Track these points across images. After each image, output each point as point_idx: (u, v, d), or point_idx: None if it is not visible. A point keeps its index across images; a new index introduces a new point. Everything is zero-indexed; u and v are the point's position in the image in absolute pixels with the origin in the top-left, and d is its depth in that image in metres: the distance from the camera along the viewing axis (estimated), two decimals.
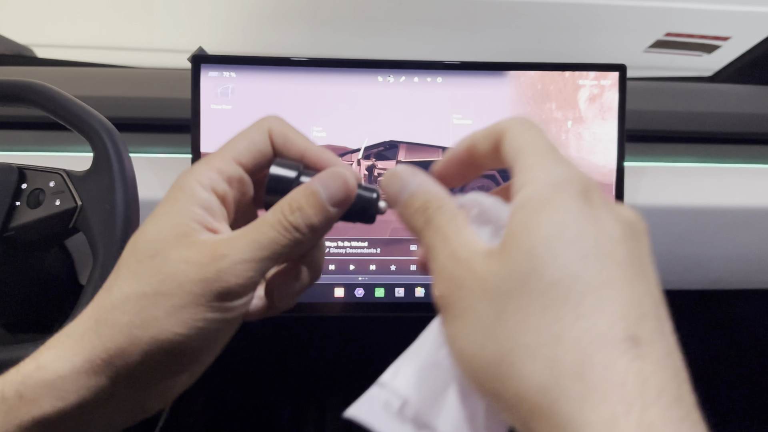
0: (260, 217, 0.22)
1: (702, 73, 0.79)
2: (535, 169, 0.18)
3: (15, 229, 0.46)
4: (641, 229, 0.18)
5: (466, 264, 0.18)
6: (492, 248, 0.18)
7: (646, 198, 0.61)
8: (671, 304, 0.67)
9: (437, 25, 1.03)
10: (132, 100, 0.61)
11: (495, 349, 0.16)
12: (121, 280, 0.21)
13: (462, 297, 0.17)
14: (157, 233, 0.21)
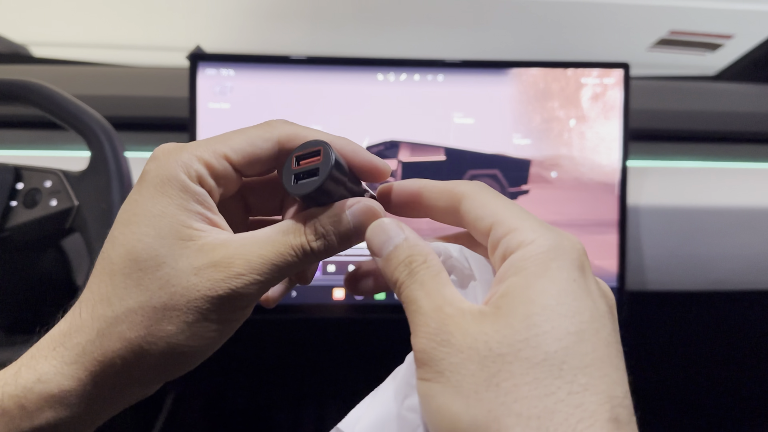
0: (280, 233, 0.20)
1: (706, 71, 0.79)
2: (526, 232, 0.18)
3: (10, 229, 0.45)
4: (614, 303, 0.19)
5: (455, 321, 0.17)
6: (484, 309, 0.17)
7: (649, 198, 0.60)
8: (674, 305, 0.66)
9: (438, 23, 1.03)
10: (129, 99, 0.61)
11: (483, 412, 0.16)
12: (123, 290, 0.19)
13: (449, 354, 0.17)
14: (158, 238, 0.19)
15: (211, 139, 0.21)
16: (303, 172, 0.20)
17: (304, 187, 0.20)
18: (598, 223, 0.55)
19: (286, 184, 0.20)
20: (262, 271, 0.20)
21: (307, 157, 0.20)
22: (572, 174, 0.56)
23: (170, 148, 0.20)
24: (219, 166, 0.20)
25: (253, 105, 0.54)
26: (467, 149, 0.55)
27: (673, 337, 0.72)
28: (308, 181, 0.20)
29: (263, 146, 0.21)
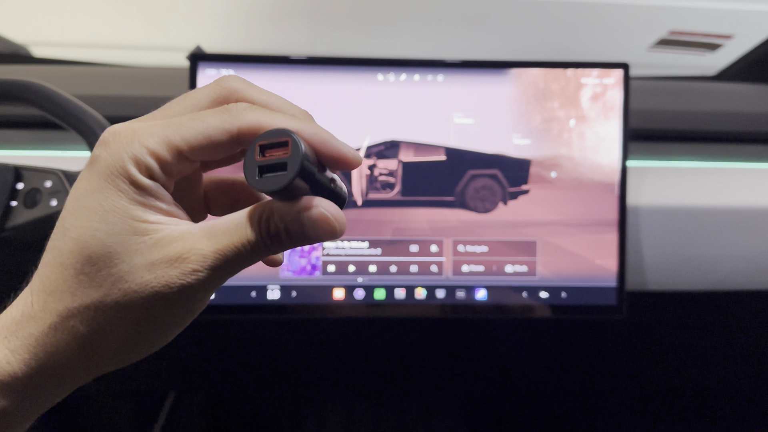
0: (236, 226, 0.19)
1: (706, 71, 0.78)
2: None
3: (11, 229, 0.45)
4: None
5: None
6: None
7: (649, 198, 0.60)
8: (674, 305, 0.66)
9: (438, 23, 1.03)
10: (129, 99, 0.61)
11: None
12: (75, 286, 0.19)
13: None
14: (112, 234, 0.19)
15: (164, 125, 0.19)
16: (268, 165, 0.19)
17: (270, 182, 0.19)
18: (598, 222, 0.55)
19: (250, 178, 0.19)
20: (217, 266, 0.19)
21: (272, 147, 0.19)
22: (572, 174, 0.56)
23: (120, 134, 0.19)
24: (170, 159, 0.19)
25: None
26: (467, 149, 0.55)
27: (673, 337, 0.72)
28: (274, 176, 0.19)
29: (220, 138, 0.19)
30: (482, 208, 0.55)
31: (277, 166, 0.19)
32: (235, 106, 0.20)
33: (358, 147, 0.55)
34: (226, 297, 0.54)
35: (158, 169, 0.19)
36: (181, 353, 0.71)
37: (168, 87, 0.62)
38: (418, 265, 0.55)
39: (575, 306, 0.55)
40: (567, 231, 0.55)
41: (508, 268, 0.55)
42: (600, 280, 0.56)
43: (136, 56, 0.83)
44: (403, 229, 0.55)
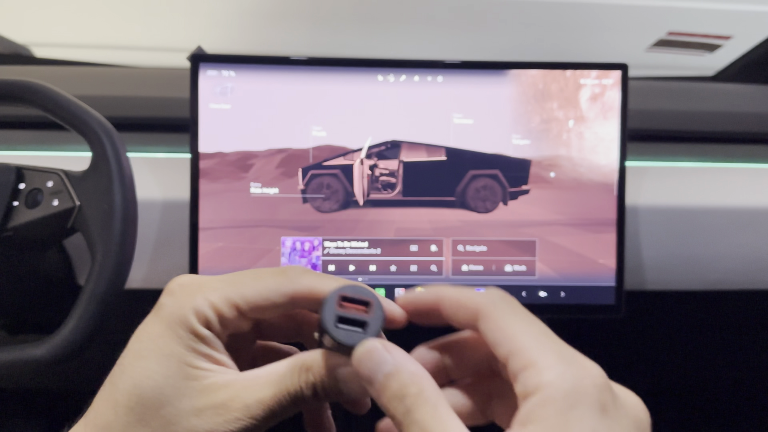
0: (279, 376, 0.21)
1: (704, 72, 0.79)
2: (544, 370, 0.17)
3: (13, 229, 0.45)
4: (646, 419, 0.18)
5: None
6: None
7: (647, 198, 0.60)
8: (672, 304, 0.66)
9: (438, 24, 1.03)
10: (130, 100, 0.61)
11: None
12: (125, 423, 0.20)
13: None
14: (165, 377, 0.20)
15: (227, 281, 0.21)
16: (348, 319, 0.20)
17: (347, 336, 0.20)
18: (597, 222, 0.56)
19: (327, 324, 0.20)
20: (259, 416, 0.20)
21: (354, 302, 0.20)
22: (571, 174, 0.56)
23: (186, 286, 0.21)
24: (229, 315, 0.21)
25: (254, 106, 0.54)
26: (468, 149, 0.55)
27: (672, 336, 0.72)
28: (352, 331, 0.20)
29: (276, 300, 0.21)
30: (483, 208, 0.55)
31: (356, 322, 0.20)
32: (291, 269, 0.22)
33: (358, 147, 0.55)
34: None
35: (216, 322, 0.21)
36: None
37: (169, 87, 0.62)
38: (417, 265, 0.55)
39: (574, 305, 0.56)
40: (566, 231, 0.56)
41: (507, 267, 0.55)
42: (599, 279, 0.56)
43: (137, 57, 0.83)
44: (405, 229, 0.55)
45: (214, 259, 0.54)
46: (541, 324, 0.19)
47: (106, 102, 0.58)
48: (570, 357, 0.18)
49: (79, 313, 0.43)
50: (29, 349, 0.43)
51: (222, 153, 0.54)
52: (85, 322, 0.43)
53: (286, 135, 0.54)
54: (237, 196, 0.54)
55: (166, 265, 0.56)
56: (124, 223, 0.44)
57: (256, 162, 0.54)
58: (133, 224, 0.45)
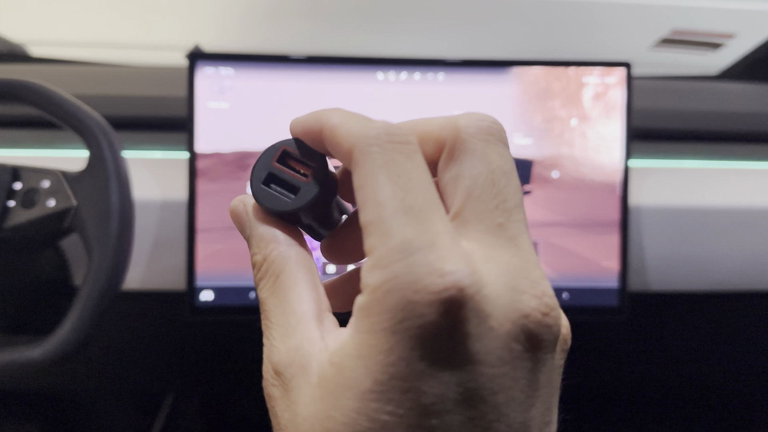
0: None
1: (708, 71, 0.78)
2: (374, 267, 0.13)
3: (8, 230, 0.45)
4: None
5: (297, 384, 0.15)
6: (324, 375, 0.14)
7: (651, 198, 0.60)
8: (676, 305, 0.65)
9: (439, 22, 1.02)
10: (127, 99, 0.60)
11: None
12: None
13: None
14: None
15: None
16: (279, 178, 0.17)
17: (270, 199, 0.17)
18: (600, 223, 0.55)
19: (254, 182, 0.17)
20: None
21: (297, 162, 0.17)
22: (574, 174, 0.55)
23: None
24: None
25: (253, 104, 0.53)
26: None
27: (676, 338, 0.72)
28: (279, 195, 0.17)
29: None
30: None
31: (287, 185, 0.17)
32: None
33: None
34: (225, 298, 0.53)
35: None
36: (180, 355, 0.71)
37: (166, 86, 0.61)
38: None
39: (577, 307, 0.55)
40: (568, 231, 0.55)
41: None
42: (602, 280, 0.55)
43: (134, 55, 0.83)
44: None
45: (213, 260, 0.53)
46: (422, 186, 0.14)
47: (103, 101, 0.58)
48: (419, 245, 0.13)
49: (75, 314, 0.42)
50: (25, 350, 0.43)
51: (219, 153, 0.53)
52: (82, 323, 0.42)
53: (285, 134, 0.53)
54: (235, 197, 0.53)
55: (163, 266, 0.55)
56: (121, 223, 0.44)
57: (254, 162, 0.53)
58: (129, 225, 0.45)
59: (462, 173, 0.15)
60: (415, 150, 0.15)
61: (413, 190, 0.14)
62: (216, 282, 0.53)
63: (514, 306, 0.14)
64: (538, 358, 0.14)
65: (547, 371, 0.15)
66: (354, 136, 0.15)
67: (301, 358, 0.15)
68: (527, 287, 0.14)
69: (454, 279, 0.13)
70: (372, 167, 0.14)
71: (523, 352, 0.14)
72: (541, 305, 0.14)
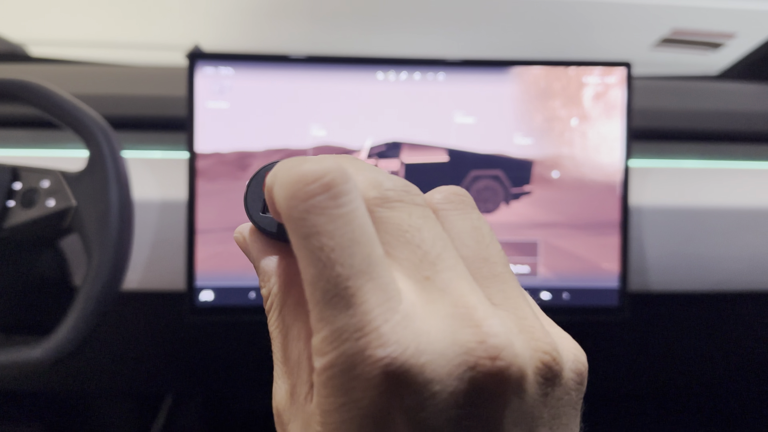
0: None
1: (708, 70, 0.78)
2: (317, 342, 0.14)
3: (8, 230, 0.45)
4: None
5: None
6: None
7: (652, 198, 0.60)
8: (677, 306, 0.65)
9: (439, 21, 1.02)
10: (127, 98, 0.60)
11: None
12: None
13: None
14: None
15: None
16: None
17: (269, 222, 0.17)
18: (600, 223, 0.55)
19: (252, 211, 0.17)
20: None
21: None
22: (574, 174, 0.55)
23: None
24: None
25: (252, 104, 0.53)
26: (470, 150, 0.55)
27: (676, 338, 0.72)
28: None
29: None
30: (484, 209, 0.55)
31: None
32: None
33: (360, 146, 0.54)
34: (225, 298, 0.53)
35: None
36: (180, 355, 0.71)
37: (166, 86, 0.61)
38: None
39: (577, 307, 0.55)
40: (569, 231, 0.55)
41: None
42: (602, 281, 0.55)
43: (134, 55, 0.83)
44: None
45: (213, 260, 0.53)
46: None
47: (103, 101, 0.58)
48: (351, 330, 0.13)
49: (75, 315, 0.42)
50: (25, 350, 0.42)
51: (219, 153, 0.53)
52: (82, 323, 0.42)
53: (285, 134, 0.53)
54: (236, 197, 0.53)
55: (163, 266, 0.55)
56: (121, 223, 0.43)
57: (254, 162, 0.53)
58: (129, 225, 0.45)
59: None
60: (334, 196, 0.14)
61: (339, 263, 0.13)
62: (216, 282, 0.53)
63: (458, 361, 0.13)
64: (497, 405, 0.13)
65: (515, 412, 0.14)
66: (280, 202, 0.14)
67: (294, 403, 0.15)
68: (470, 335, 0.13)
69: (387, 362, 0.13)
70: (296, 243, 0.14)
71: (477, 405, 0.13)
72: (489, 349, 0.13)
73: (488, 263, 0.16)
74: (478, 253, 0.16)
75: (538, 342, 0.15)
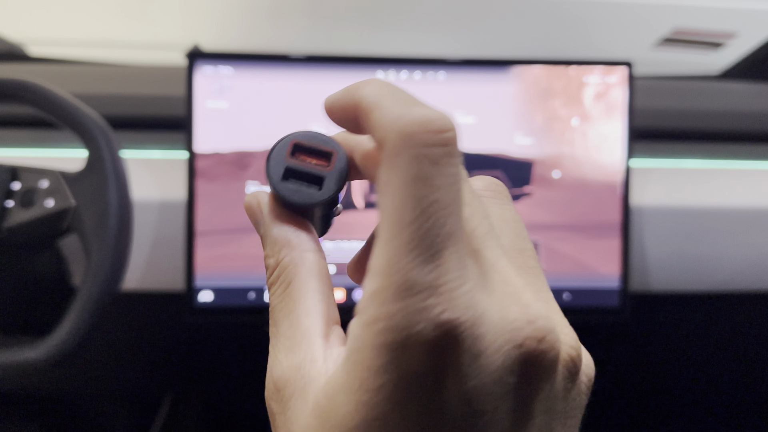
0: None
1: (709, 70, 0.78)
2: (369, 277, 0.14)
3: (7, 230, 0.45)
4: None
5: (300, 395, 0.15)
6: (329, 388, 0.14)
7: (653, 198, 0.60)
8: (678, 306, 0.65)
9: (439, 21, 1.02)
10: (126, 98, 0.60)
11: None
12: None
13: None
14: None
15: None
16: (300, 171, 0.17)
17: (298, 194, 0.16)
18: (601, 223, 0.55)
19: (273, 178, 0.16)
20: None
21: (309, 152, 0.17)
22: (574, 174, 0.55)
23: None
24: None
25: (252, 103, 0.53)
26: (469, 151, 0.55)
27: (677, 338, 0.71)
28: (304, 188, 0.16)
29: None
30: None
31: (310, 177, 0.17)
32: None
33: None
34: (224, 299, 0.53)
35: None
36: (179, 355, 0.71)
37: (165, 85, 0.61)
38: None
39: (578, 308, 0.55)
40: (569, 232, 0.55)
41: None
42: (603, 281, 0.55)
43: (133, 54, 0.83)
44: None
45: (212, 261, 0.53)
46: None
47: (102, 100, 0.57)
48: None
49: (74, 315, 0.42)
50: (25, 350, 0.42)
51: (219, 153, 0.53)
52: (81, 324, 0.42)
53: (285, 133, 0.53)
54: (235, 198, 0.53)
55: (162, 266, 0.55)
56: (120, 223, 0.43)
57: (254, 162, 0.53)
58: (128, 225, 0.45)
59: None
60: (449, 154, 0.14)
61: (435, 217, 0.13)
62: (215, 282, 0.53)
63: (507, 336, 0.13)
64: (533, 388, 0.14)
65: (544, 399, 0.14)
66: (386, 128, 0.14)
67: (301, 378, 0.15)
68: (520, 314, 0.13)
69: (451, 327, 0.12)
70: (399, 179, 0.13)
71: (517, 384, 0.13)
72: (536, 331, 0.13)
73: (523, 255, 0.16)
74: (515, 244, 0.16)
75: (567, 336, 0.15)
